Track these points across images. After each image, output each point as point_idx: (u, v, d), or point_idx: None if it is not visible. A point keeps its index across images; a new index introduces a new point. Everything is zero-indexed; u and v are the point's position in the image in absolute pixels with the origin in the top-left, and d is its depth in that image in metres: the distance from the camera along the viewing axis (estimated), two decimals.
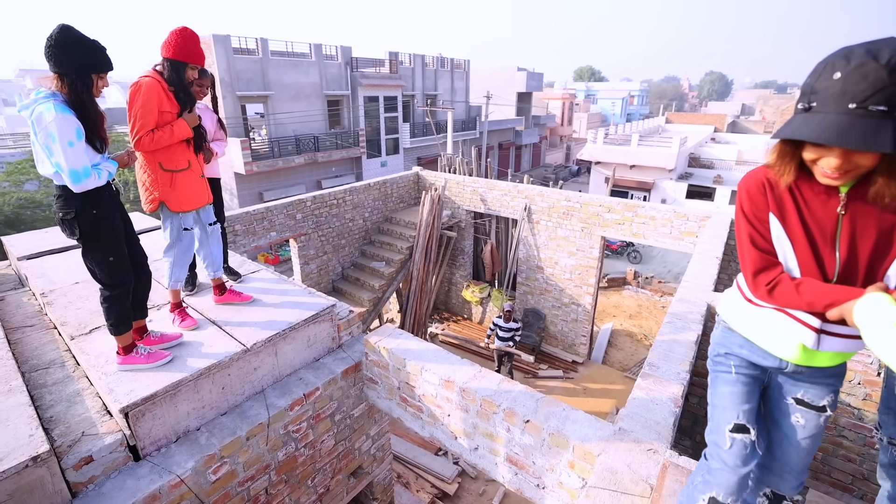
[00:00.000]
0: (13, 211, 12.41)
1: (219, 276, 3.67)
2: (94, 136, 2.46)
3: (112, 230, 2.61)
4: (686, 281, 4.53)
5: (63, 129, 2.28)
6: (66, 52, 2.30)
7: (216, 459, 2.84)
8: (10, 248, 5.03)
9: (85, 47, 2.34)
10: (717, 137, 33.88)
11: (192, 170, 3.20)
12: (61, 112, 2.28)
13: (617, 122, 51.86)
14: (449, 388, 3.16)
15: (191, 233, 3.28)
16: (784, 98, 53.77)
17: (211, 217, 3.51)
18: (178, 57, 2.98)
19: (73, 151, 2.31)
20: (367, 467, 4.26)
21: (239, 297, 3.73)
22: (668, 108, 61.21)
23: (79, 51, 2.32)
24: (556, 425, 2.69)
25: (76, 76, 2.34)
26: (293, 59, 19.37)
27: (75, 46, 2.31)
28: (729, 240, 6.74)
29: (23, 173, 13.77)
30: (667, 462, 2.34)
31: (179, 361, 2.96)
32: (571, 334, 10.37)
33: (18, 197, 12.85)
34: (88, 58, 2.36)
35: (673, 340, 3.46)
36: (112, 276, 2.66)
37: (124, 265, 2.71)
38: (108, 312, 2.73)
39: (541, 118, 40.51)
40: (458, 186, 11.09)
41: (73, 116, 2.33)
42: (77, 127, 2.33)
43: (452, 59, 28.47)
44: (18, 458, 2.24)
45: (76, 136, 2.32)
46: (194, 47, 3.02)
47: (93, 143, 2.46)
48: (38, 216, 12.82)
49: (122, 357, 2.88)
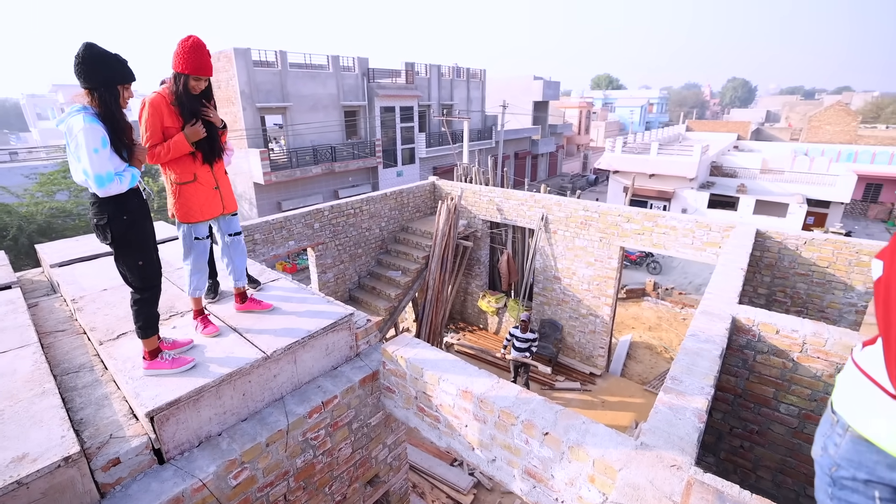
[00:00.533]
0: (45, 220, 12.80)
1: (241, 285, 3.70)
2: (122, 145, 2.59)
3: (142, 235, 2.75)
4: (709, 293, 4.42)
5: (89, 137, 2.42)
6: (93, 68, 2.45)
7: (237, 465, 2.86)
8: (43, 255, 5.19)
9: (109, 62, 2.49)
10: (740, 145, 33.43)
11: (200, 182, 3.22)
12: (89, 122, 2.43)
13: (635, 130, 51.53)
14: (466, 399, 3.10)
15: (203, 242, 3.31)
16: (811, 104, 52.83)
17: (233, 227, 3.53)
18: (180, 68, 2.94)
19: (97, 158, 2.44)
20: (383, 476, 4.24)
21: (259, 305, 3.75)
22: (688, 116, 60.65)
23: (104, 66, 2.47)
24: (575, 438, 2.61)
25: (104, 89, 2.49)
26: (311, 71, 19.63)
27: (100, 62, 2.46)
28: (754, 251, 6.61)
29: (55, 184, 14.17)
30: (691, 479, 2.24)
31: (202, 368, 3.00)
32: (589, 346, 10.22)
33: (51, 206, 13.25)
34: (113, 71, 2.50)
35: (696, 354, 3.36)
36: (142, 280, 2.80)
37: (154, 270, 2.84)
38: (136, 315, 2.86)
39: (557, 127, 40.42)
40: (475, 196, 11.05)
41: (101, 127, 2.48)
42: (102, 136, 2.47)
43: (468, 69, 28.57)
44: (51, 458, 2.30)
45: (101, 144, 2.46)
46: (197, 57, 2.94)
47: (119, 151, 2.58)
48: (68, 225, 13.20)
49: (148, 362, 2.96)
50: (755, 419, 4.14)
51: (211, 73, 3.08)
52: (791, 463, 4.03)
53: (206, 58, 2.99)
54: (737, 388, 4.16)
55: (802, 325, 3.74)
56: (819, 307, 6.80)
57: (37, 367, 3.06)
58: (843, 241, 6.36)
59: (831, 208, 22.51)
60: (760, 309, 4.00)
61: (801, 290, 6.86)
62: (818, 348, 3.63)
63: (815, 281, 6.71)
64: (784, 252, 6.80)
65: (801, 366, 3.75)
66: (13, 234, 11.80)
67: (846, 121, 35.36)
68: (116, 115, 2.55)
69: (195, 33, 2.95)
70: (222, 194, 3.40)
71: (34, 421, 2.56)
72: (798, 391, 3.83)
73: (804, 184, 22.22)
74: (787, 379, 3.86)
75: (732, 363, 4.10)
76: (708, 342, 3.51)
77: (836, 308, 6.67)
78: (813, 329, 3.67)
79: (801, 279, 6.81)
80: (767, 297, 7.14)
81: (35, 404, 2.70)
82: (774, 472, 4.16)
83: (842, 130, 35.38)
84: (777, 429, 4.03)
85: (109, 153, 2.51)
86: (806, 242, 6.61)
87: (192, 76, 2.98)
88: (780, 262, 6.88)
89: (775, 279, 7.01)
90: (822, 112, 36.59)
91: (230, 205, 3.47)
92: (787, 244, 6.75)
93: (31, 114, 48.55)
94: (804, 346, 3.69)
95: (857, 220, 27.36)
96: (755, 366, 3.99)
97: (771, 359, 3.89)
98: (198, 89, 3.06)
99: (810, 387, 3.76)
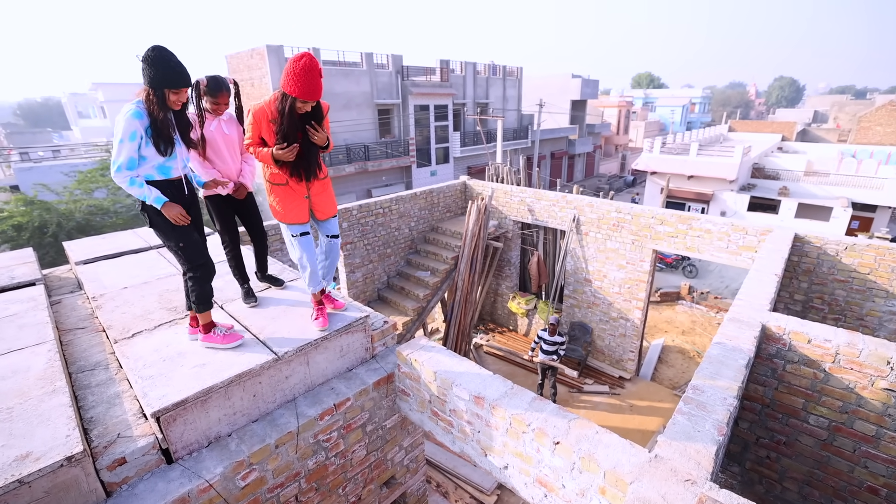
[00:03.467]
0: (84, 217, 12.97)
1: (325, 287, 3.69)
2: (160, 140, 2.76)
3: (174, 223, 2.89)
4: (740, 299, 4.27)
5: (122, 128, 2.64)
6: (146, 69, 2.61)
7: (245, 466, 2.86)
8: (70, 252, 5.29)
9: (160, 66, 2.62)
10: (784, 147, 32.25)
11: (291, 187, 3.26)
12: (129, 115, 2.64)
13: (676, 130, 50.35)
14: (479, 405, 3.08)
15: (303, 238, 3.38)
16: (862, 104, 50.40)
17: (331, 230, 3.56)
18: (288, 89, 2.89)
19: (120, 147, 2.65)
20: (400, 478, 4.21)
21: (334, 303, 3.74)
22: (731, 116, 58.91)
23: (155, 68, 2.62)
24: (587, 448, 2.56)
25: (151, 90, 2.66)
26: (344, 69, 19.67)
27: (153, 64, 2.61)
28: (791, 256, 6.37)
29: (93, 182, 14.25)
30: (703, 496, 2.17)
31: (211, 368, 2.99)
32: (619, 349, 10.04)
33: (89, 204, 13.41)
34: (162, 75, 2.64)
35: (721, 363, 3.26)
36: (186, 261, 3.02)
37: (195, 251, 3.02)
38: (190, 291, 3.10)
39: (595, 127, 39.76)
40: (506, 196, 10.98)
41: (139, 122, 2.67)
42: (134, 130, 2.65)
43: (504, 67, 28.27)
44: (54, 457, 2.31)
45: (129, 137, 2.65)
46: (307, 81, 2.84)
47: (157, 145, 2.76)
48: (106, 222, 13.31)
49: (204, 335, 3.20)
50: (783, 430, 3.99)
51: (320, 96, 2.99)
52: (818, 475, 3.88)
53: (317, 81, 2.90)
54: (765, 398, 4.02)
55: (836, 334, 3.59)
56: (858, 315, 6.50)
57: (50, 364, 3.10)
58: (887, 246, 6.06)
59: (878, 212, 21.44)
60: (792, 317, 3.85)
61: (839, 298, 6.57)
62: (852, 359, 3.48)
63: (855, 288, 6.41)
64: (823, 257, 6.53)
65: (833, 377, 3.60)
66: (52, 230, 11.91)
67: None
68: (155, 114, 2.69)
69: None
70: (313, 203, 3.39)
71: (42, 419, 2.58)
72: (829, 403, 3.68)
73: (850, 187, 21.22)
74: (817, 390, 3.71)
75: (761, 372, 3.96)
76: (735, 351, 3.41)
77: (875, 316, 6.36)
78: (847, 339, 3.51)
79: (839, 286, 6.52)
80: (804, 304, 6.87)
81: (44, 402, 2.72)
82: (801, 483, 4.01)
83: (893, 131, 33.62)
84: (805, 440, 3.88)
85: (134, 146, 2.68)
86: (847, 248, 6.33)
87: (290, 97, 2.93)
88: (819, 267, 6.60)
89: (813, 285, 6.73)
90: (873, 112, 34.88)
91: (324, 212, 3.46)
92: (826, 249, 6.48)
93: (72, 112, 48.80)
94: (837, 356, 3.54)
95: None
96: (784, 375, 3.85)
97: (801, 369, 3.75)
98: (305, 109, 3.01)
99: (842, 399, 3.61)
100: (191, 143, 3.06)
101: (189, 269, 3.03)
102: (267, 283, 4.22)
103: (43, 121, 66.51)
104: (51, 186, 13.84)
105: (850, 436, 3.65)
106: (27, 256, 5.14)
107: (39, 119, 68.34)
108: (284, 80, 2.88)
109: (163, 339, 3.39)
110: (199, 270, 3.04)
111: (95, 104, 47.17)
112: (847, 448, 3.69)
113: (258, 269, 4.23)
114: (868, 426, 3.54)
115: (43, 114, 71.03)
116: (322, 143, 3.19)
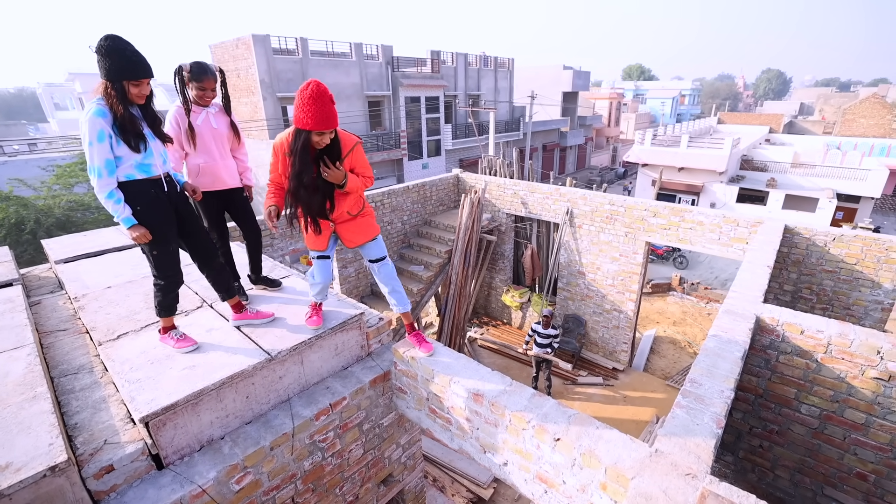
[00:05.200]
0: (64, 213, 12.43)
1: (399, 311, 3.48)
2: (129, 136, 2.61)
3: (154, 228, 2.78)
4: (734, 291, 4.32)
5: (87, 129, 2.50)
6: (102, 61, 2.44)
7: (239, 469, 2.80)
8: (49, 251, 5.06)
9: (118, 56, 2.45)
10: (772, 138, 32.42)
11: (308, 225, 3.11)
12: (92, 114, 2.49)
13: (666, 122, 50.50)
14: (478, 402, 3.06)
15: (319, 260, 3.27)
16: (846, 96, 50.82)
17: (370, 254, 3.31)
18: (300, 124, 2.69)
19: (91, 151, 2.52)
20: (397, 475, 4.16)
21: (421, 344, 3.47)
22: (720, 108, 59.13)
23: (112, 60, 2.44)
24: (588, 444, 2.56)
25: (109, 84, 2.50)
26: (333, 59, 19.31)
27: (109, 55, 2.43)
28: (781, 247, 6.44)
29: (72, 176, 13.72)
30: (706, 490, 2.20)
31: (202, 369, 2.92)
32: (612, 341, 10.13)
33: (69, 200, 12.86)
34: (119, 66, 2.47)
35: (717, 355, 3.29)
36: (155, 269, 2.92)
37: (166, 261, 2.92)
38: (154, 295, 3.03)
39: (587, 119, 39.72)
40: (499, 189, 10.99)
41: (102, 120, 2.51)
42: (100, 129, 2.51)
43: (496, 58, 28.08)
44: (36, 467, 2.20)
45: (97, 138, 2.51)
46: (318, 109, 2.62)
47: (128, 142, 2.62)
48: (87, 218, 12.83)
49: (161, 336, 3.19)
50: (775, 419, 4.07)
51: (335, 125, 2.73)
52: (810, 463, 3.97)
53: (327, 108, 2.65)
54: (758, 388, 4.08)
55: (828, 325, 3.65)
56: (844, 304, 6.65)
57: (30, 369, 2.93)
58: (873, 237, 6.17)
59: (861, 203, 21.74)
60: (786, 308, 3.91)
61: (827, 288, 6.70)
62: (843, 349, 3.55)
63: (842, 278, 6.55)
64: (812, 248, 6.63)
65: (825, 367, 3.67)
66: (30, 227, 11.34)
67: (881, 114, 33.99)
68: (115, 109, 2.54)
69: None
70: (339, 233, 3.20)
71: (22, 427, 2.45)
72: (820, 392, 3.76)
73: (835, 178, 21.56)
74: (809, 380, 3.79)
75: (755, 363, 4.02)
76: (730, 343, 3.45)
77: (861, 305, 6.52)
78: (839, 330, 3.58)
79: (827, 276, 6.65)
80: (793, 294, 6.98)
81: (24, 409, 2.58)
82: (792, 471, 4.10)
83: (877, 124, 34.05)
84: (797, 429, 3.97)
85: (106, 147, 2.55)
86: (835, 239, 6.43)
87: (314, 132, 2.71)
88: (808, 258, 6.71)
89: (802, 276, 6.84)
90: (857, 104, 35.23)
91: (352, 241, 3.22)
92: (815, 240, 6.57)
93: (48, 103, 46.70)
94: (829, 346, 3.61)
95: (886, 216, 26.35)
96: (777, 366, 3.92)
97: (794, 359, 3.81)
98: (322, 143, 2.77)
99: (833, 388, 3.68)
100: (164, 136, 2.86)
101: (157, 276, 2.95)
102: (262, 286, 4.03)
103: (17, 113, 63.99)
104: (27, 181, 13.29)
105: (840, 424, 3.73)
106: (3, 255, 4.84)
107: (13, 111, 65.69)
108: (294, 113, 2.70)
109: (150, 340, 3.27)
110: (165, 280, 2.96)
111: (73, 95, 44.82)
112: (837, 436, 3.78)
113: (251, 270, 4.01)
114: (858, 414, 3.63)
115: (17, 105, 68.28)
116: (337, 182, 2.90)
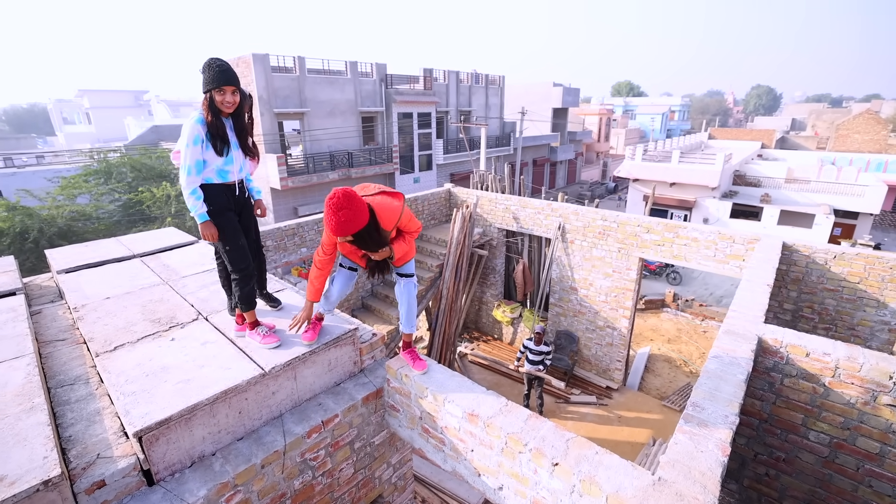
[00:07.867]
0: (66, 223, 12.87)
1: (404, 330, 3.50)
2: (216, 140, 2.96)
3: (224, 227, 3.11)
4: (733, 310, 4.19)
5: (186, 133, 2.87)
6: (202, 77, 2.86)
7: (229, 487, 2.71)
8: (51, 260, 5.11)
9: (207, 70, 2.83)
10: (764, 154, 32.75)
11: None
12: (193, 121, 2.89)
13: (656, 137, 50.91)
14: (472, 422, 2.93)
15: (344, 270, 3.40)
16: (839, 112, 51.54)
17: (405, 269, 3.28)
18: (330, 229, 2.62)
19: (185, 152, 2.88)
20: (387, 496, 4.05)
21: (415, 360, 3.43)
22: (710, 124, 59.77)
23: (205, 75, 2.85)
24: (587, 470, 2.42)
25: (204, 95, 2.90)
26: (329, 77, 19.64)
27: (204, 71, 2.84)
28: (780, 264, 6.33)
29: (76, 187, 14.24)
30: None
31: (196, 383, 2.86)
32: (606, 359, 9.96)
33: (71, 210, 13.32)
34: (208, 78, 2.84)
35: (720, 378, 3.15)
36: (229, 262, 3.22)
37: (238, 256, 3.21)
38: (234, 290, 3.30)
39: (577, 134, 40.10)
40: (491, 204, 10.88)
41: (199, 126, 2.90)
42: (196, 134, 2.88)
43: (487, 75, 28.42)
44: (31, 481, 2.17)
45: (192, 142, 2.87)
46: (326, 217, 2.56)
47: (214, 145, 2.97)
48: (88, 228, 13.24)
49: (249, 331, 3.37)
50: (782, 446, 3.89)
51: (355, 230, 2.59)
52: (821, 494, 3.77)
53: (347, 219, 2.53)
54: (762, 413, 3.92)
55: (835, 347, 3.50)
56: (849, 325, 6.47)
57: (29, 379, 2.93)
58: (876, 255, 6.05)
59: (860, 220, 21.84)
60: (788, 329, 3.77)
61: (829, 307, 6.54)
62: (852, 374, 3.39)
63: (846, 297, 6.39)
64: (812, 266, 6.50)
65: (833, 391, 3.51)
66: (34, 236, 11.87)
67: (875, 129, 34.49)
68: (206, 117, 2.91)
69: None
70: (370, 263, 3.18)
71: (18, 439, 2.42)
72: (829, 418, 3.59)
73: (831, 194, 21.61)
74: (817, 405, 3.62)
75: (758, 386, 3.87)
76: (732, 365, 3.31)
77: (867, 326, 6.34)
78: (847, 353, 3.42)
79: (829, 295, 6.50)
80: (794, 313, 6.83)
81: (22, 421, 2.56)
82: (802, 502, 3.90)
83: (871, 139, 34.51)
84: (805, 457, 3.78)
85: (197, 150, 2.89)
86: (836, 257, 6.31)
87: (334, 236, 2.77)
88: (808, 276, 6.58)
89: (802, 294, 6.70)
90: (851, 120, 35.74)
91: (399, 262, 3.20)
92: (815, 258, 6.45)
93: (57, 118, 49.09)
94: (837, 370, 3.45)
95: (886, 232, 26.51)
96: (782, 390, 3.75)
97: (800, 383, 3.65)
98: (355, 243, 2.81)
99: (843, 414, 3.51)
100: (247, 150, 3.21)
101: (233, 270, 3.23)
102: (263, 301, 3.93)
103: (28, 126, 66.52)
104: (34, 192, 13.80)
105: (852, 453, 3.55)
106: (8, 265, 4.95)
107: (24, 125, 68.24)
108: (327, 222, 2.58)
109: (146, 352, 3.25)
110: (241, 273, 3.21)
111: (81, 110, 47.88)
112: (850, 466, 3.58)
113: (257, 286, 3.89)
114: (871, 443, 3.44)
115: (28, 120, 70.91)
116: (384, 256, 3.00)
